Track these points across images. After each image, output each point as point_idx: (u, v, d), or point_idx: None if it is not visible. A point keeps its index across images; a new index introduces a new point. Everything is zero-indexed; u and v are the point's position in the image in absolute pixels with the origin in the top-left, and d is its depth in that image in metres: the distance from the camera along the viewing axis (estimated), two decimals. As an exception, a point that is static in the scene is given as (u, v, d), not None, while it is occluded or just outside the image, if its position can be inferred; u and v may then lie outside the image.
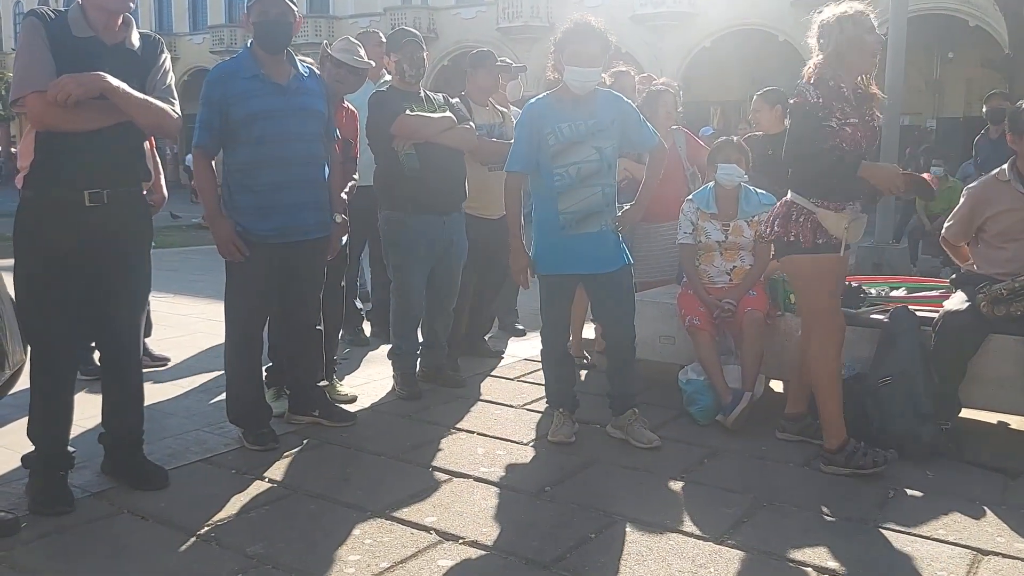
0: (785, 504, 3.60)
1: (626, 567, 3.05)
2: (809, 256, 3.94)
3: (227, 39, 38.10)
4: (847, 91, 3.86)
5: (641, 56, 27.78)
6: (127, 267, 3.70)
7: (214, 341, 4.39)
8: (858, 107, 3.89)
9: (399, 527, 3.37)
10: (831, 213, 3.88)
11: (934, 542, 3.25)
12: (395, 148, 4.92)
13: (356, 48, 5.19)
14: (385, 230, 5.13)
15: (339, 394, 5.01)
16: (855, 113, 3.86)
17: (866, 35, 3.79)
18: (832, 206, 3.88)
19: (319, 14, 36.05)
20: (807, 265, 3.98)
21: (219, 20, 39.51)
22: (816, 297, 4.04)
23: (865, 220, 4.05)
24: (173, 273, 10.14)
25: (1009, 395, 4.28)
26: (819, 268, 3.96)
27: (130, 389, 3.84)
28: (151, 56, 3.62)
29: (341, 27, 32.61)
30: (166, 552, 3.19)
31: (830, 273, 3.99)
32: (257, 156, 4.11)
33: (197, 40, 40.22)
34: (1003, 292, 4.19)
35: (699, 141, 6.27)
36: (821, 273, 3.98)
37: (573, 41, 4.12)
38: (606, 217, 4.26)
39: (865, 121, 3.91)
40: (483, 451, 4.25)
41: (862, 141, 3.87)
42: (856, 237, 4.04)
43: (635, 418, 4.37)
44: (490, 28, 31.13)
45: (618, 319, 4.39)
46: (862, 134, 3.86)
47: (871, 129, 3.95)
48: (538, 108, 4.25)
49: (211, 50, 37.97)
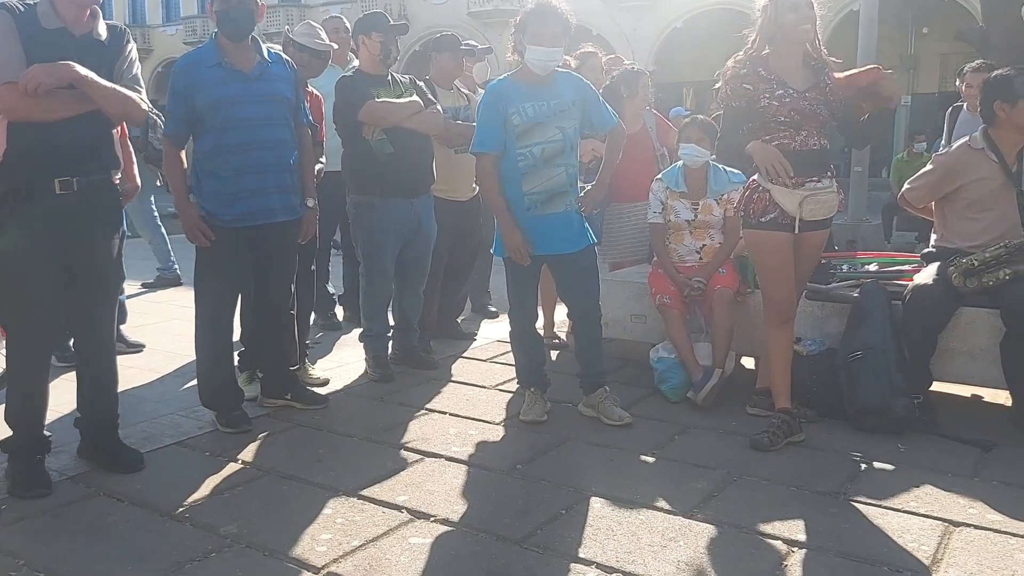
0: (755, 479, 3.64)
1: (595, 542, 3.08)
2: (752, 231, 4.04)
3: (200, 30, 37.64)
4: (765, 72, 3.92)
5: (613, 37, 27.74)
6: (99, 254, 3.72)
7: (188, 327, 4.39)
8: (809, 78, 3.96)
9: (371, 506, 3.40)
10: (784, 189, 3.91)
11: (906, 514, 3.28)
12: (365, 135, 4.91)
13: (317, 31, 5.20)
14: (354, 214, 5.13)
15: (311, 377, 5.02)
16: (781, 86, 3.90)
17: (787, 14, 3.87)
18: (787, 181, 3.91)
19: (290, 3, 35.74)
20: (750, 240, 4.11)
21: (192, 11, 39.06)
22: (760, 273, 4.18)
23: (832, 197, 4.02)
24: (147, 261, 10.06)
25: (980, 367, 4.31)
26: (761, 244, 4.05)
27: (104, 375, 3.87)
28: (117, 46, 3.67)
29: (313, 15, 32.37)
30: (142, 533, 3.21)
31: (774, 251, 4.01)
32: (221, 142, 4.15)
33: (171, 31, 39.84)
34: (974, 263, 4.21)
35: (668, 122, 6.30)
36: (764, 250, 4.05)
37: (534, 22, 4.12)
38: (570, 197, 4.29)
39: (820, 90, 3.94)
40: (455, 431, 4.27)
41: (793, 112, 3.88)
42: (816, 214, 3.99)
43: (606, 396, 4.41)
44: (461, 13, 31.01)
45: (584, 298, 4.42)
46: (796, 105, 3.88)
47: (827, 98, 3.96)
48: (500, 89, 4.26)
49: (184, 41, 37.52)
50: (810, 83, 3.95)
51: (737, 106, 3.98)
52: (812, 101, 3.91)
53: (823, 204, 3.99)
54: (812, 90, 3.93)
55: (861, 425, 4.17)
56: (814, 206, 3.96)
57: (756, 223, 4.00)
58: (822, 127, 3.98)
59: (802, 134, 3.91)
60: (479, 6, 30.86)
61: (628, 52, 25.32)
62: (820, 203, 3.98)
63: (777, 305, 4.08)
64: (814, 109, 3.91)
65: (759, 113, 3.93)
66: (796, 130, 3.91)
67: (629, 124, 5.51)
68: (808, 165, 3.93)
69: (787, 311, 4.09)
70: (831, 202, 4.03)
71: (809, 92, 3.92)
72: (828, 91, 3.96)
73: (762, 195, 3.99)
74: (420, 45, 5.72)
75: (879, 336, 4.31)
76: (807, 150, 3.92)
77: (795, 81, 3.93)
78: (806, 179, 3.93)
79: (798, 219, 3.95)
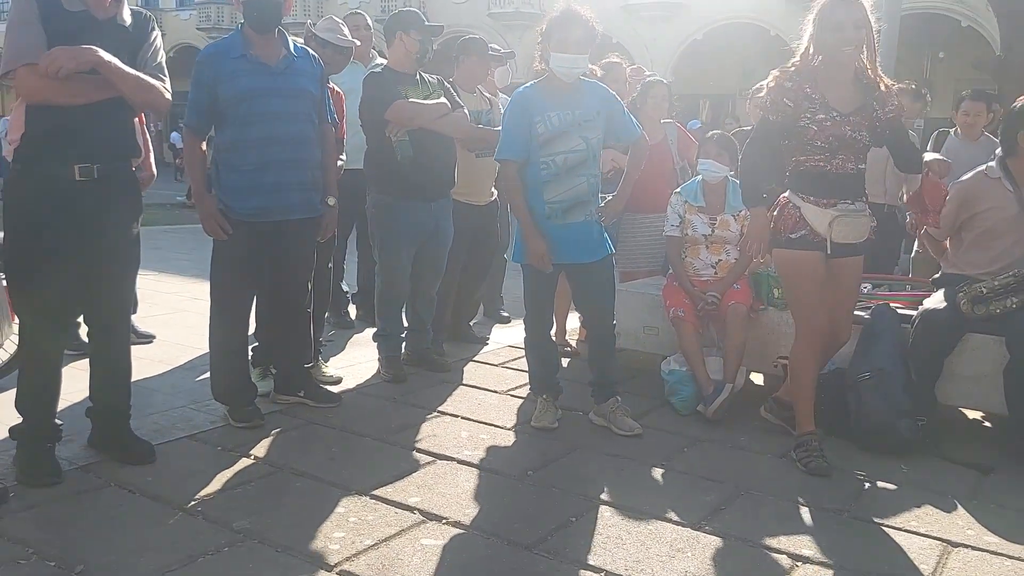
0: (762, 493, 3.67)
1: (605, 550, 3.11)
2: (782, 251, 3.98)
3: (214, 16, 37.71)
4: (810, 89, 3.79)
5: (632, 47, 27.74)
6: (116, 243, 3.70)
7: (199, 319, 4.41)
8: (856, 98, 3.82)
9: (383, 506, 3.42)
10: (815, 208, 3.85)
11: (906, 533, 3.32)
12: (388, 134, 4.92)
13: (340, 27, 5.22)
14: (373, 213, 5.14)
15: (324, 375, 5.05)
16: (823, 109, 3.78)
17: (828, 34, 3.73)
18: (818, 201, 3.85)
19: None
20: (780, 259, 4.03)
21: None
22: (790, 294, 4.11)
23: (864, 220, 3.93)
24: (158, 251, 10.13)
25: (985, 393, 4.33)
26: (791, 264, 3.97)
27: (117, 364, 3.86)
28: (142, 33, 3.64)
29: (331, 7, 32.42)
30: (153, 525, 3.22)
31: (805, 271, 3.93)
32: (243, 136, 4.14)
33: (184, 16, 39.81)
34: (983, 291, 4.23)
35: (689, 135, 6.32)
36: (794, 270, 3.97)
37: (559, 28, 4.14)
38: (590, 207, 4.31)
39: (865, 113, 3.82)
40: (467, 435, 4.30)
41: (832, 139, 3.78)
42: (847, 236, 3.87)
43: (617, 406, 4.43)
44: (481, 13, 31.00)
45: (600, 308, 4.45)
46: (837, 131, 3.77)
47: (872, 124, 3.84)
48: (526, 96, 4.28)
49: (198, 27, 37.62)
50: (856, 104, 3.83)
51: (775, 119, 3.88)
52: (855, 126, 3.81)
53: (854, 227, 3.89)
54: (857, 113, 3.82)
55: (866, 444, 4.19)
56: (845, 228, 3.86)
57: (786, 240, 3.93)
58: (860, 152, 3.88)
59: (839, 158, 3.83)
60: (500, 7, 30.85)
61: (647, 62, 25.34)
62: (851, 225, 3.88)
63: (810, 330, 3.97)
64: (855, 135, 3.81)
65: (797, 132, 3.84)
66: (832, 154, 3.82)
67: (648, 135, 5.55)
68: (841, 188, 3.86)
69: (817, 334, 3.99)
70: (862, 225, 3.93)
71: (854, 115, 3.81)
72: (874, 115, 3.84)
73: (792, 212, 3.92)
74: (440, 44, 5.71)
75: (888, 358, 4.32)
76: (842, 173, 3.85)
77: (841, 102, 3.81)
78: (839, 200, 3.86)
79: (829, 240, 3.86)
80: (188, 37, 37.18)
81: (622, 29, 28.38)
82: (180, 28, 39.29)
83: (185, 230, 12.45)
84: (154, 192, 13.40)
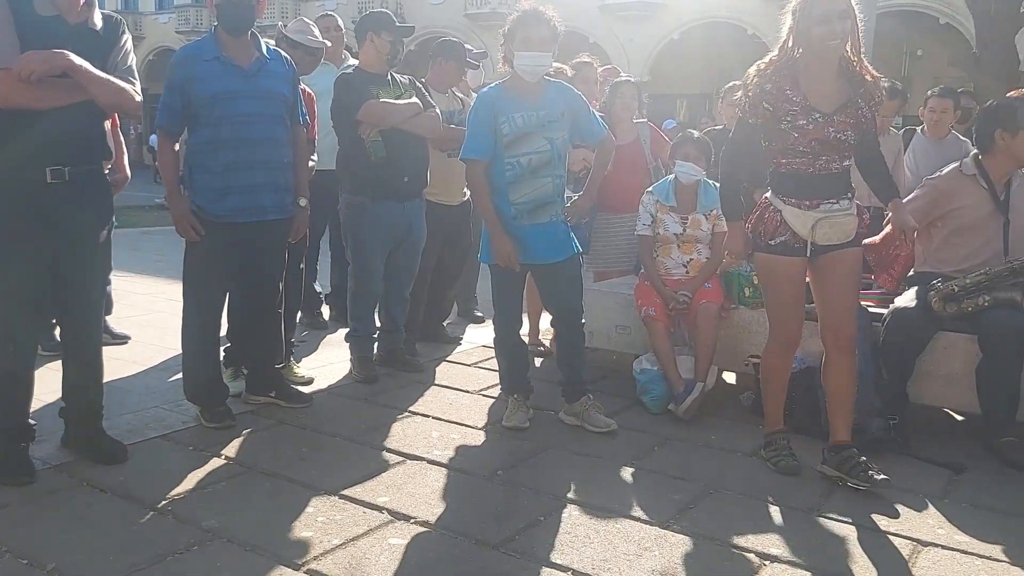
0: (731, 492, 3.69)
1: (572, 548, 3.13)
2: (761, 255, 3.84)
3: (193, 19, 37.65)
4: (791, 91, 3.60)
5: (609, 47, 27.84)
6: (88, 245, 3.72)
7: (174, 320, 4.40)
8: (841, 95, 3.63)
9: (352, 506, 3.43)
10: (796, 210, 3.68)
11: (876, 532, 3.34)
12: (361, 134, 4.93)
13: (310, 28, 5.23)
14: (345, 214, 5.15)
15: (296, 376, 5.05)
16: (805, 113, 3.59)
17: (814, 27, 3.52)
18: (800, 203, 3.68)
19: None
20: (759, 263, 3.91)
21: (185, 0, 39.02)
22: (766, 296, 3.98)
23: (849, 220, 3.71)
24: (135, 252, 10.11)
25: (956, 392, 4.36)
26: (769, 269, 3.84)
27: (90, 365, 3.87)
28: (113, 36, 3.67)
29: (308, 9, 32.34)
30: (124, 524, 3.24)
31: (783, 277, 3.79)
32: (216, 137, 4.16)
33: (163, 19, 39.75)
34: (954, 288, 4.23)
35: (663, 135, 6.35)
36: (772, 275, 3.85)
37: (522, 27, 4.16)
38: (556, 207, 4.33)
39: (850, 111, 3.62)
40: (437, 435, 4.31)
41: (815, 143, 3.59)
42: (830, 238, 3.69)
43: (590, 403, 4.46)
44: (458, 14, 31.03)
45: (568, 307, 4.46)
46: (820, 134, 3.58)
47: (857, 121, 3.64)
48: (490, 97, 4.29)
49: (177, 30, 37.54)
50: (840, 101, 3.62)
51: (753, 122, 3.71)
52: (839, 126, 3.61)
53: (838, 227, 3.69)
54: (841, 111, 3.61)
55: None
56: (828, 230, 3.67)
57: (765, 246, 3.78)
58: (846, 151, 3.68)
59: (822, 160, 3.64)
60: (476, 8, 30.88)
61: (624, 62, 25.45)
62: (835, 226, 3.68)
63: (780, 333, 3.90)
64: (839, 135, 3.61)
65: (778, 134, 3.65)
66: (815, 157, 3.63)
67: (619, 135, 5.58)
68: (825, 188, 3.67)
69: (790, 340, 3.90)
70: (847, 225, 3.71)
71: (837, 114, 3.60)
72: (860, 112, 3.65)
73: (773, 215, 3.75)
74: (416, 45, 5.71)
75: (859, 357, 4.34)
76: (826, 174, 3.66)
77: (823, 100, 3.61)
78: (822, 200, 3.66)
79: (810, 243, 3.69)
80: (167, 40, 37.07)
81: (599, 29, 28.48)
82: (159, 31, 39.21)
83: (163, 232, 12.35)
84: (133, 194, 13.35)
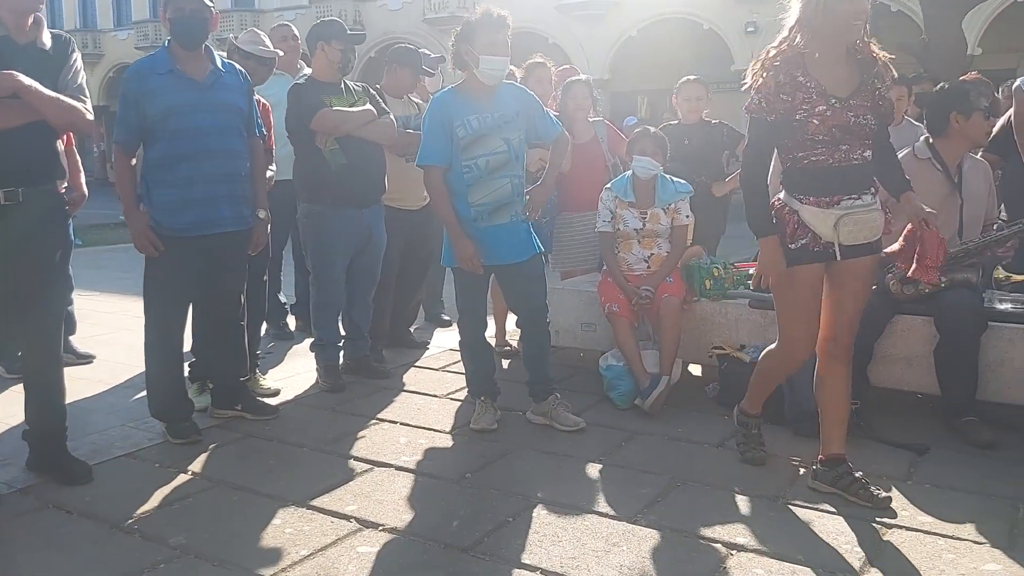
0: (698, 483, 3.72)
1: (541, 548, 3.14)
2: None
3: (152, 35, 37.18)
4: (803, 77, 3.32)
5: (567, 46, 27.90)
6: (45, 265, 3.70)
7: (139, 338, 4.38)
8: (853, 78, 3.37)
9: (320, 516, 3.42)
10: (815, 209, 3.37)
11: (841, 517, 3.37)
12: (318, 144, 4.93)
13: (261, 38, 5.23)
14: (304, 223, 5.15)
15: (262, 388, 5.03)
16: (822, 99, 3.31)
17: (840, 3, 3.23)
18: (819, 200, 3.38)
19: (244, 8, 35.45)
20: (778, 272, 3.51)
21: (144, 15, 38.42)
22: (779, 301, 3.60)
23: (875, 216, 3.42)
24: (99, 271, 10.02)
25: (916, 373, 4.41)
26: (785, 276, 3.47)
27: (52, 386, 3.84)
28: (62, 55, 3.66)
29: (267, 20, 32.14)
30: (91, 545, 3.22)
31: (801, 284, 3.46)
32: (172, 151, 4.14)
33: (122, 36, 39.28)
34: None
35: (619, 132, 6.37)
36: (788, 282, 3.48)
37: (487, 31, 4.16)
38: (515, 207, 4.34)
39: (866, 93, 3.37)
40: (405, 440, 4.30)
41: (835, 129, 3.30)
42: (856, 236, 3.38)
43: (557, 402, 4.47)
44: (417, 20, 30.91)
45: (532, 307, 4.48)
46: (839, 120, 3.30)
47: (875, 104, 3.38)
48: (444, 101, 4.30)
49: (136, 46, 37.05)
50: (855, 85, 3.37)
51: (772, 120, 3.37)
52: (857, 110, 3.33)
53: (864, 224, 3.38)
54: (857, 94, 3.36)
55: (800, 430, 4.24)
56: (852, 227, 3.36)
57: (784, 252, 3.43)
58: (867, 138, 3.39)
59: (842, 149, 3.34)
60: (435, 13, 30.80)
61: (583, 61, 25.51)
62: (860, 223, 3.37)
63: (789, 342, 3.59)
64: (860, 121, 3.33)
65: (795, 128, 3.35)
66: (835, 146, 3.33)
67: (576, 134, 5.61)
68: (845, 181, 3.36)
69: (803, 352, 3.60)
70: (873, 221, 3.42)
71: (854, 99, 3.34)
72: (876, 94, 3.39)
73: (789, 216, 3.43)
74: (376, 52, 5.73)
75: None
76: (846, 166, 3.36)
77: (837, 86, 3.34)
78: (842, 196, 3.35)
79: (837, 244, 3.38)
80: (127, 56, 36.56)
81: (556, 29, 28.53)
82: (119, 48, 38.78)
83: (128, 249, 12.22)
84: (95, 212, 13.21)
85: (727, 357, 4.73)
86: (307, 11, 31.56)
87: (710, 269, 5.03)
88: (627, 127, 10.94)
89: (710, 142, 5.90)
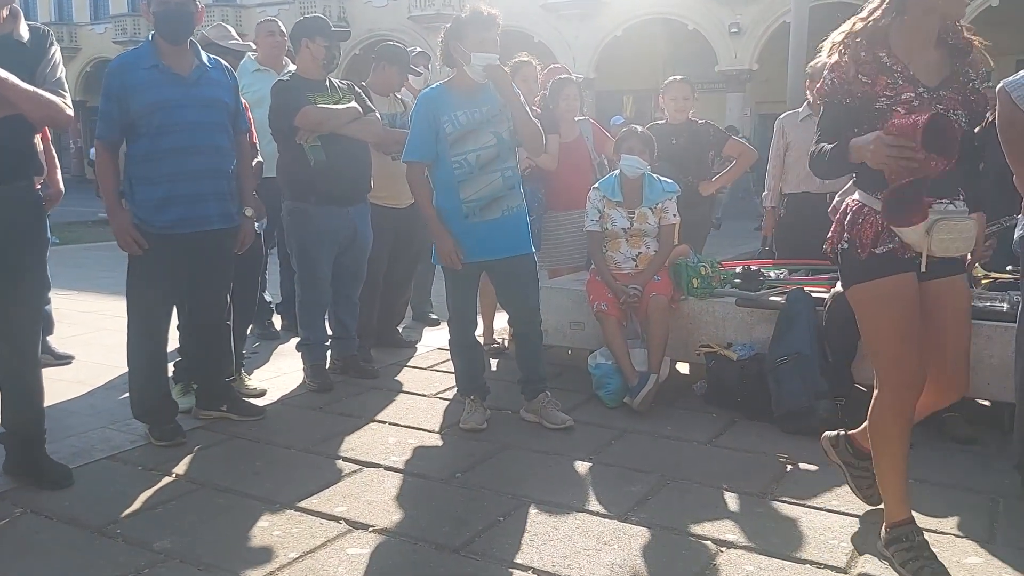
0: (687, 481, 3.71)
1: (532, 547, 3.12)
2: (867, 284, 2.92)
3: (130, 29, 36.93)
4: (887, 58, 2.85)
5: (553, 45, 27.90)
6: (20, 263, 3.62)
7: (120, 338, 4.31)
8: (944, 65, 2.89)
9: (308, 518, 3.38)
10: None
11: (825, 512, 3.40)
12: (299, 140, 4.89)
13: (230, 32, 5.24)
14: (289, 221, 5.11)
15: (248, 388, 4.99)
16: (909, 84, 2.82)
17: None
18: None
19: (226, 3, 35.22)
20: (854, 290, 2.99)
21: (122, 9, 38.14)
22: (870, 330, 2.98)
23: (970, 226, 2.83)
24: (78, 269, 9.93)
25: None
26: (870, 294, 2.91)
27: (29, 388, 3.76)
28: (40, 49, 3.57)
29: (249, 16, 32.03)
30: (71, 551, 3.15)
31: (893, 297, 2.86)
32: (156, 147, 4.07)
33: (99, 30, 38.98)
34: None
35: (605, 131, 6.36)
36: (878, 299, 2.90)
37: (479, 29, 4.16)
38: (507, 201, 4.32)
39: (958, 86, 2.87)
40: (394, 440, 4.27)
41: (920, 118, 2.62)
42: (949, 249, 2.81)
43: (547, 401, 4.47)
44: (402, 16, 30.83)
45: (524, 304, 4.48)
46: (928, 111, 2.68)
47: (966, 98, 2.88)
48: (431, 98, 4.29)
49: (114, 40, 36.77)
50: (944, 74, 2.88)
51: (849, 103, 2.88)
52: (948, 103, 2.83)
53: (959, 234, 2.80)
54: (947, 84, 2.87)
55: (786, 427, 4.27)
56: (946, 235, 2.77)
57: (866, 260, 2.89)
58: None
59: None
60: (420, 10, 30.71)
61: (569, 60, 25.51)
62: (955, 231, 2.78)
63: (896, 376, 2.89)
64: (951, 115, 2.80)
65: (874, 116, 2.82)
66: None
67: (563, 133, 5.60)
68: (936, 183, 2.74)
69: (911, 383, 2.89)
70: (969, 231, 2.83)
71: (944, 89, 2.85)
72: (969, 87, 2.90)
73: (869, 218, 2.89)
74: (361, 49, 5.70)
75: (804, 342, 4.41)
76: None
77: (926, 72, 2.85)
78: (934, 199, 2.77)
79: (925, 254, 2.80)
80: (104, 51, 36.37)
81: (543, 28, 28.53)
82: (96, 42, 38.48)
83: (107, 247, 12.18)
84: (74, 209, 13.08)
85: (715, 355, 4.74)
86: (291, 7, 31.41)
87: (697, 268, 5.04)
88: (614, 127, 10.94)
89: (697, 141, 5.89)
